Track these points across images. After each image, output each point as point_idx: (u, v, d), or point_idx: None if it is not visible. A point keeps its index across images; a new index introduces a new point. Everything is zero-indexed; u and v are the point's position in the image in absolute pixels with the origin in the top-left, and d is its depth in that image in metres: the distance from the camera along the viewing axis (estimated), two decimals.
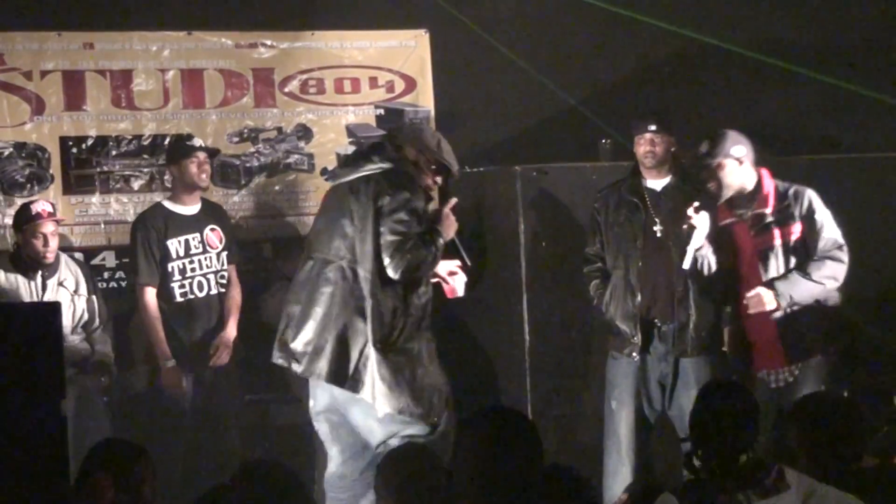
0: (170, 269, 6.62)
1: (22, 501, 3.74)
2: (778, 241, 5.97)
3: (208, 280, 6.69)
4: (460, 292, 5.86)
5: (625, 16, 7.79)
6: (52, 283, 6.50)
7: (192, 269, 6.66)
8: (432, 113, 7.52)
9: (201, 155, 6.67)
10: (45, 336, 3.99)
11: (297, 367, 5.57)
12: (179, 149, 6.75)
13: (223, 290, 6.70)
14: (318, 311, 5.51)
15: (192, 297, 6.64)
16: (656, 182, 6.22)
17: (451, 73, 7.56)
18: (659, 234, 6.14)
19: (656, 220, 6.16)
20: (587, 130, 7.42)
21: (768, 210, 5.99)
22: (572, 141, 7.49)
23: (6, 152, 7.02)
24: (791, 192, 6.02)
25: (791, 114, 7.82)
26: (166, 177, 7.09)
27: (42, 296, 6.41)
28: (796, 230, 5.98)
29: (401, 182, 5.48)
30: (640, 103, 7.26)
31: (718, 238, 6.00)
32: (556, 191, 6.81)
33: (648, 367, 6.14)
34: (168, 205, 6.74)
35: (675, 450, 6.20)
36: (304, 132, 7.40)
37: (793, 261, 5.95)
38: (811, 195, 6.01)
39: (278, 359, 5.65)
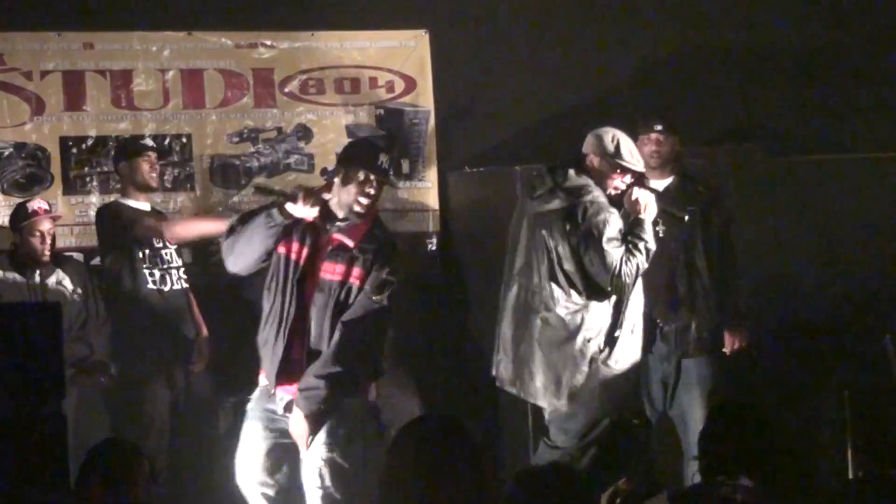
0: (140, 256, 6.49)
1: (22, 501, 3.74)
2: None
3: (170, 274, 6.57)
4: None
5: (625, 16, 7.80)
6: (50, 282, 6.48)
7: (158, 259, 6.53)
8: (432, 113, 7.51)
9: (152, 155, 6.63)
10: (45, 336, 3.99)
11: (512, 389, 5.84)
12: (132, 146, 6.70)
13: (186, 285, 6.62)
14: (527, 338, 5.74)
15: (161, 287, 6.52)
16: (658, 182, 6.21)
17: (451, 73, 7.55)
18: (661, 234, 6.12)
19: (658, 220, 6.14)
20: (587, 130, 7.39)
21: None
22: (572, 141, 7.47)
23: (6, 152, 7.01)
24: None
25: (791, 114, 7.81)
26: (166, 176, 7.09)
27: (41, 295, 6.40)
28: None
29: (584, 214, 5.65)
30: (641, 103, 7.24)
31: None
32: None
33: (650, 367, 6.14)
34: (122, 200, 6.64)
35: (676, 450, 6.23)
36: (304, 132, 7.39)
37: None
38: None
39: (499, 381, 5.90)
